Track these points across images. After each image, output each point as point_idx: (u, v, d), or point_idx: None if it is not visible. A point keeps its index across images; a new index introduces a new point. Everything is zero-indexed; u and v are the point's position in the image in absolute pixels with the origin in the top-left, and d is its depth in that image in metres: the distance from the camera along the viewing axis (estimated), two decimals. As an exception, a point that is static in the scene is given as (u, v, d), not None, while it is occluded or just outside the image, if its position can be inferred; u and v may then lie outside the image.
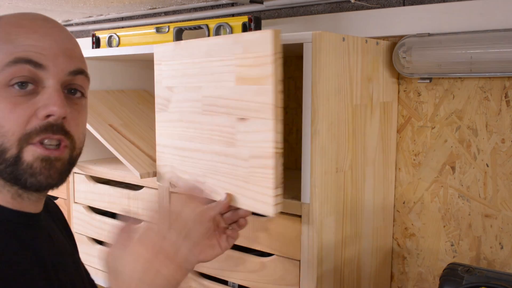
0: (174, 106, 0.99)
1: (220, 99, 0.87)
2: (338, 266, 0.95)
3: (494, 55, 0.93)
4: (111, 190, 1.25)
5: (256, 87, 0.80)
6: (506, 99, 0.99)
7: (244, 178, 0.84)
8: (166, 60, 1.00)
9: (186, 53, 0.94)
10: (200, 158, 0.93)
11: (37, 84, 0.65)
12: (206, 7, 1.46)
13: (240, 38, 0.83)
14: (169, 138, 1.00)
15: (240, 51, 0.83)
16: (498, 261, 1.02)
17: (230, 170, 0.86)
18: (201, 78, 0.91)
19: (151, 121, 1.30)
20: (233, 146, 0.86)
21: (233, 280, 1.01)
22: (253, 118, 0.81)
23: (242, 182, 0.84)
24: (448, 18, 1.01)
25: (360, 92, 0.96)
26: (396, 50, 1.03)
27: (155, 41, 1.31)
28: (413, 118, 1.10)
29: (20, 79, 0.63)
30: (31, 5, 1.49)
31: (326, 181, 0.89)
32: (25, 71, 0.63)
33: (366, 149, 1.00)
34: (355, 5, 1.16)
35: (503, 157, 1.00)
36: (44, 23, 0.67)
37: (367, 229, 1.03)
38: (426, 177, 1.09)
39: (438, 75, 1.02)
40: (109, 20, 1.76)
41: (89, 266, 1.34)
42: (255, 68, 0.80)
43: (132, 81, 1.48)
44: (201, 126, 0.92)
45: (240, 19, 1.15)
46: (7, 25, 0.66)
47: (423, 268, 1.12)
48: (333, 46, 0.88)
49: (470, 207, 1.04)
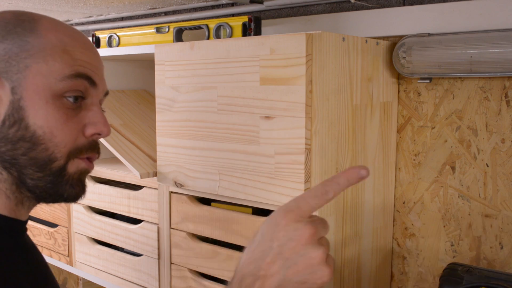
0: (180, 106, 1.00)
1: (240, 98, 0.91)
2: (338, 266, 0.95)
3: (494, 55, 0.93)
4: (111, 190, 1.25)
5: (286, 87, 0.85)
6: (506, 99, 0.99)
7: (269, 174, 0.88)
8: (171, 60, 1.01)
9: (197, 54, 0.96)
10: (213, 156, 0.96)
11: (84, 100, 0.67)
12: (206, 7, 1.46)
13: (266, 40, 0.86)
14: (174, 137, 1.02)
15: (266, 53, 0.86)
16: (498, 261, 1.02)
17: (252, 166, 0.90)
18: (215, 79, 0.94)
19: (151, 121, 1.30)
20: (254, 144, 0.90)
21: (233, 280, 1.01)
22: (280, 116, 0.86)
23: (267, 178, 0.89)
24: (448, 18, 1.01)
25: (360, 92, 0.97)
26: (396, 50, 1.03)
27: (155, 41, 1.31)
28: (413, 118, 1.10)
29: (76, 93, 0.65)
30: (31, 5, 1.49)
31: (326, 181, 0.89)
32: (82, 87, 0.65)
33: (366, 149, 1.00)
34: (355, 5, 1.16)
35: (503, 157, 1.00)
36: (88, 40, 0.69)
37: (367, 229, 1.03)
38: (426, 177, 1.09)
39: (438, 75, 1.02)
40: (109, 20, 1.76)
41: (89, 266, 1.34)
42: (284, 69, 0.84)
43: (132, 81, 1.48)
44: (215, 125, 0.95)
45: (240, 19, 1.15)
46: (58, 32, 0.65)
47: (423, 268, 1.12)
48: (333, 46, 0.88)
49: (470, 207, 1.04)
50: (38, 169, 0.63)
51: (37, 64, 0.62)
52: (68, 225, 1.40)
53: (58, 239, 1.44)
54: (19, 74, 0.62)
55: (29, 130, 0.62)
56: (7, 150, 0.62)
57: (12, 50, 0.62)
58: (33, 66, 0.62)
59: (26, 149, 0.62)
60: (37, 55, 0.62)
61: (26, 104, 0.62)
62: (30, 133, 0.62)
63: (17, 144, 0.62)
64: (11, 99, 0.62)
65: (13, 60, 0.62)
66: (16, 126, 0.62)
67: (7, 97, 0.62)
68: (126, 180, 1.21)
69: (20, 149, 0.62)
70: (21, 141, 0.62)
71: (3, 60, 0.61)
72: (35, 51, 0.62)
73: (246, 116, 0.90)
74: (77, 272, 1.41)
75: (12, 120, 0.62)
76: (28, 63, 0.62)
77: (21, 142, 0.62)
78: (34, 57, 0.62)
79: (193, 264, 1.06)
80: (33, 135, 0.62)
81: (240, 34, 1.15)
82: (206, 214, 1.03)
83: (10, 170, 0.63)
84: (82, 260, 1.37)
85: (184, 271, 1.09)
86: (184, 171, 1.01)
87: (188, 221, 1.06)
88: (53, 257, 1.48)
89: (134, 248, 1.20)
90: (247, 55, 0.89)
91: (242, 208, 0.99)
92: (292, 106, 0.84)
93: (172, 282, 1.12)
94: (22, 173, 0.63)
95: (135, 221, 1.21)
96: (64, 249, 1.43)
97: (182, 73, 1.00)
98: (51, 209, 1.44)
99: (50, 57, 0.63)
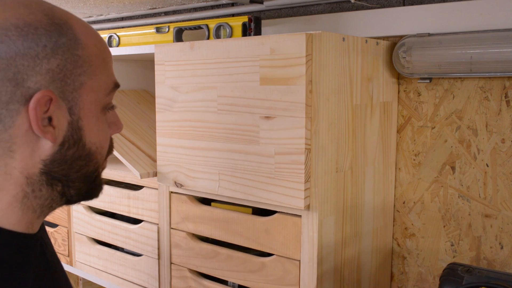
0: (180, 106, 1.00)
1: (240, 98, 0.91)
2: (338, 266, 0.95)
3: (494, 55, 0.93)
4: (111, 190, 1.25)
5: (286, 87, 0.84)
6: (506, 99, 0.99)
7: (269, 174, 0.88)
8: (170, 60, 1.00)
9: (197, 54, 0.96)
10: (213, 156, 0.96)
11: None
12: (206, 7, 1.46)
13: (266, 40, 0.86)
14: (174, 137, 1.02)
15: (266, 53, 0.86)
16: (498, 261, 1.02)
17: (252, 167, 0.90)
18: (215, 79, 0.94)
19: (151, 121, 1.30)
20: (254, 144, 0.90)
21: (233, 280, 1.01)
22: (280, 116, 0.86)
23: (267, 178, 0.89)
24: (448, 18, 1.01)
25: (360, 92, 0.97)
26: (396, 50, 1.03)
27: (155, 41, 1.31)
28: (413, 118, 1.10)
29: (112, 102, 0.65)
30: (31, 5, 1.48)
31: (326, 181, 0.89)
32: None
33: (366, 149, 1.00)
34: (355, 5, 1.16)
35: (503, 157, 1.00)
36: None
37: (367, 229, 1.03)
38: (426, 177, 1.09)
39: (438, 75, 1.02)
40: (109, 20, 1.76)
41: (89, 266, 1.34)
42: (284, 69, 0.84)
43: (132, 81, 1.48)
44: (215, 125, 0.95)
45: (240, 19, 1.15)
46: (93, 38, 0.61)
47: (423, 268, 1.12)
48: (333, 46, 0.88)
49: (470, 207, 1.04)
50: (85, 181, 0.62)
51: (90, 81, 0.59)
52: (68, 225, 1.40)
53: (58, 239, 1.44)
54: (75, 93, 0.58)
55: (85, 148, 0.60)
56: (61, 170, 0.59)
57: (66, 67, 0.56)
58: (87, 83, 0.59)
59: (81, 167, 0.60)
60: (89, 71, 0.59)
61: (83, 124, 0.59)
62: (86, 151, 0.60)
63: (74, 163, 0.60)
64: (69, 120, 0.58)
65: (68, 79, 0.57)
66: (75, 147, 0.59)
67: (65, 119, 0.57)
68: (126, 180, 1.21)
69: (75, 168, 0.60)
70: (78, 160, 0.60)
71: (58, 79, 0.56)
72: (86, 67, 0.59)
73: (246, 116, 0.90)
74: (77, 272, 1.41)
75: (72, 142, 0.59)
76: (82, 80, 0.58)
77: (78, 161, 0.60)
78: (87, 74, 0.59)
79: (193, 264, 1.06)
80: (88, 153, 0.61)
81: (240, 34, 1.15)
82: (206, 214, 1.03)
83: (56, 187, 0.60)
84: (82, 260, 1.37)
85: (184, 271, 1.09)
86: (184, 171, 1.01)
87: (188, 221, 1.06)
88: (53, 257, 1.48)
89: (134, 248, 1.20)
90: (247, 55, 0.89)
91: (242, 208, 0.99)
92: (292, 106, 0.84)
93: (172, 282, 1.12)
94: (68, 187, 0.61)
95: (135, 221, 1.21)
96: (64, 249, 1.43)
97: (182, 73, 1.00)
98: (51, 209, 1.44)
99: (98, 70, 0.60)
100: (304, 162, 0.84)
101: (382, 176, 1.07)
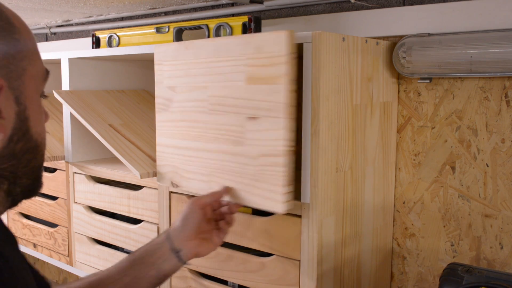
0: (176, 106, 0.99)
1: (228, 98, 0.88)
2: (338, 266, 0.95)
3: (494, 55, 0.93)
4: (111, 190, 1.25)
5: (268, 86, 0.82)
6: (506, 99, 0.99)
7: (253, 176, 0.85)
8: (168, 60, 1.00)
9: (191, 53, 0.95)
10: (205, 157, 0.94)
11: None
12: (206, 7, 1.46)
13: (251, 38, 0.84)
14: (171, 138, 1.01)
15: (251, 51, 0.84)
16: (498, 261, 1.02)
17: (238, 168, 0.88)
18: (207, 78, 0.92)
19: (151, 121, 1.30)
20: (241, 145, 0.87)
21: (233, 280, 1.01)
22: (264, 117, 0.83)
23: (251, 180, 0.86)
24: (448, 18, 1.01)
25: (360, 92, 0.96)
26: (396, 50, 1.03)
27: (155, 41, 1.31)
28: (413, 118, 1.10)
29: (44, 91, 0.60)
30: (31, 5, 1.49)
31: (326, 181, 0.89)
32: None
33: (366, 149, 1.00)
34: (355, 5, 1.16)
35: (503, 157, 1.00)
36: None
37: (367, 229, 1.03)
38: (426, 177, 1.09)
39: (438, 75, 1.02)
40: (109, 20, 1.76)
41: (89, 266, 1.34)
42: (268, 68, 0.81)
43: (132, 81, 1.48)
44: (207, 126, 0.93)
45: (240, 19, 1.15)
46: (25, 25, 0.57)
47: (423, 268, 1.12)
48: (333, 46, 0.88)
49: (470, 207, 1.04)
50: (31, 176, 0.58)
51: (30, 66, 0.55)
52: (68, 225, 1.40)
53: (58, 239, 1.44)
54: (19, 80, 0.54)
55: (33, 140, 0.56)
56: (10, 166, 0.54)
57: (9, 52, 0.53)
58: (28, 69, 0.55)
59: (28, 161, 0.56)
60: (28, 55, 0.55)
61: (29, 113, 0.55)
62: (33, 143, 0.56)
63: (22, 157, 0.55)
64: (16, 110, 0.54)
65: (12, 64, 0.53)
66: (24, 140, 0.55)
67: (12, 109, 0.53)
68: (126, 180, 1.21)
69: (23, 162, 0.56)
70: (26, 154, 0.55)
71: (3, 66, 0.52)
72: (25, 52, 0.55)
73: (233, 117, 0.88)
74: (77, 272, 1.41)
75: (20, 134, 0.54)
76: (24, 66, 0.55)
77: (26, 155, 0.55)
78: (27, 59, 0.55)
79: (193, 264, 1.06)
80: (35, 145, 0.57)
81: (240, 34, 1.15)
82: (206, 214, 1.02)
83: (2, 185, 0.55)
84: (82, 260, 1.37)
85: (184, 271, 1.09)
86: (180, 172, 1.00)
87: (188, 221, 1.06)
88: (53, 257, 1.48)
89: (134, 248, 1.20)
90: (235, 54, 0.86)
91: (242, 208, 0.99)
92: (274, 106, 0.81)
93: (172, 282, 1.12)
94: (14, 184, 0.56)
95: (135, 221, 1.21)
96: (64, 249, 1.43)
97: (178, 73, 0.98)
98: (51, 209, 1.44)
99: (35, 55, 0.57)
100: (285, 164, 0.80)
101: (382, 176, 1.07)
